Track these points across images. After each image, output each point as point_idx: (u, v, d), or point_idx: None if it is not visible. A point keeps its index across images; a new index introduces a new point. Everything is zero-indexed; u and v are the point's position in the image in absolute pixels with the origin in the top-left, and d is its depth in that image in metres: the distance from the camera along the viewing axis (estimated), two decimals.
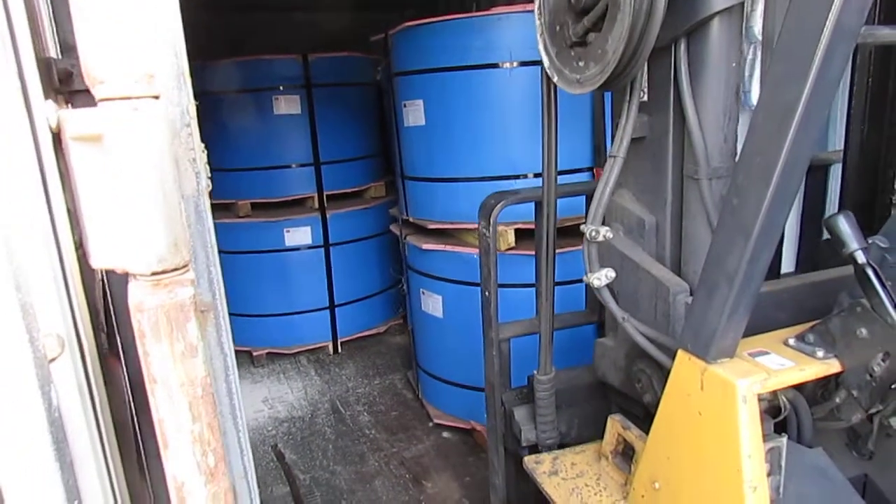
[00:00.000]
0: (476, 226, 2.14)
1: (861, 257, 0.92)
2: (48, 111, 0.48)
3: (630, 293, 1.27)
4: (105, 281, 0.57)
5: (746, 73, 1.63)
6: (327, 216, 3.38)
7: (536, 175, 2.15)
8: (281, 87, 3.20)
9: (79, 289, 0.55)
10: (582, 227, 1.23)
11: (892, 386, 0.93)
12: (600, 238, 1.21)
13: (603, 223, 1.22)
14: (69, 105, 0.50)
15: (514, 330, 1.63)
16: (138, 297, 0.46)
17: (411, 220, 2.58)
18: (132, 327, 0.46)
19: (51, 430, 0.49)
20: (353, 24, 3.85)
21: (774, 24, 1.04)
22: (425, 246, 2.47)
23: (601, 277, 1.24)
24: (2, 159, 0.46)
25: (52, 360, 0.51)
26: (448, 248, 2.40)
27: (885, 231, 0.98)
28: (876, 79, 1.35)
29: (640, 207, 1.26)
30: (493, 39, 2.19)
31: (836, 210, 1.22)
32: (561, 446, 1.52)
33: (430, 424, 2.78)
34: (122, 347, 0.59)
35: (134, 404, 0.62)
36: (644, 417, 1.30)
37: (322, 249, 3.42)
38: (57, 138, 0.49)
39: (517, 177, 2.22)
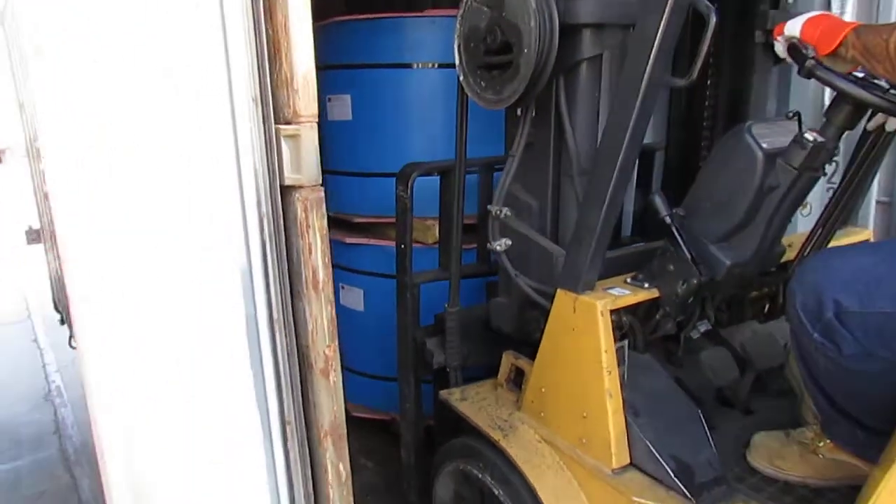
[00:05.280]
0: None
1: (668, 220, 1.45)
2: (273, 123, 0.85)
3: (521, 258, 1.74)
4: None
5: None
6: None
7: None
8: None
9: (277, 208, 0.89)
10: (489, 206, 1.70)
11: (689, 300, 1.47)
12: (502, 216, 1.68)
13: (504, 205, 1.69)
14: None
15: (425, 277, 2.06)
16: (305, 191, 0.84)
17: (331, 214, 2.82)
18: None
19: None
20: None
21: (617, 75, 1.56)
22: (350, 240, 2.70)
23: (501, 245, 1.70)
24: (255, 147, 0.84)
25: None
26: (375, 242, 2.66)
27: (685, 204, 1.52)
28: (689, 91, 1.89)
29: (529, 195, 1.74)
30: (423, 40, 2.48)
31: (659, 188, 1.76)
32: (462, 369, 1.95)
33: (349, 418, 3.00)
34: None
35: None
36: (531, 353, 1.77)
37: None
38: (277, 137, 0.86)
39: None
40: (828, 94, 1.84)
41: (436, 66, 2.55)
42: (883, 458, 1.11)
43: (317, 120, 0.84)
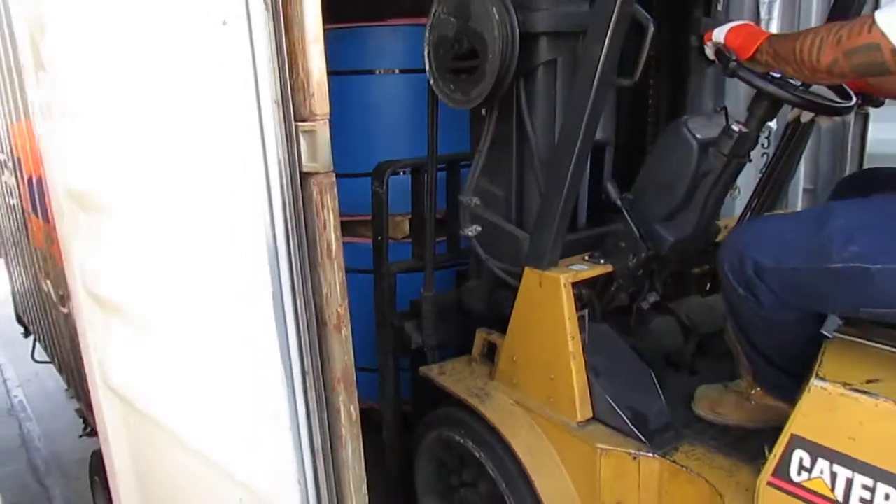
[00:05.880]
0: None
1: (619, 203, 1.66)
2: (293, 121, 1.02)
3: (490, 243, 1.93)
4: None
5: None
6: None
7: None
8: None
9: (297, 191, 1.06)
10: (460, 197, 1.88)
11: (639, 273, 1.69)
12: (472, 205, 1.87)
13: (474, 195, 1.88)
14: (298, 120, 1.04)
15: (400, 266, 2.23)
16: (320, 177, 1.03)
17: None
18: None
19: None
20: None
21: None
22: None
23: (472, 231, 1.89)
24: (278, 141, 1.01)
25: None
26: (346, 239, 2.81)
27: (633, 189, 1.73)
28: (634, 91, 2.08)
29: (495, 186, 1.93)
30: (388, 47, 2.66)
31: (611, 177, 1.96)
32: (438, 349, 2.13)
33: None
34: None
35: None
36: (501, 329, 1.96)
37: None
38: (296, 132, 1.03)
39: None
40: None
41: (397, 71, 2.74)
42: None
43: (328, 118, 1.01)
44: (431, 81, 1.84)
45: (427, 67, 1.84)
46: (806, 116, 1.65)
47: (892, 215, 1.19)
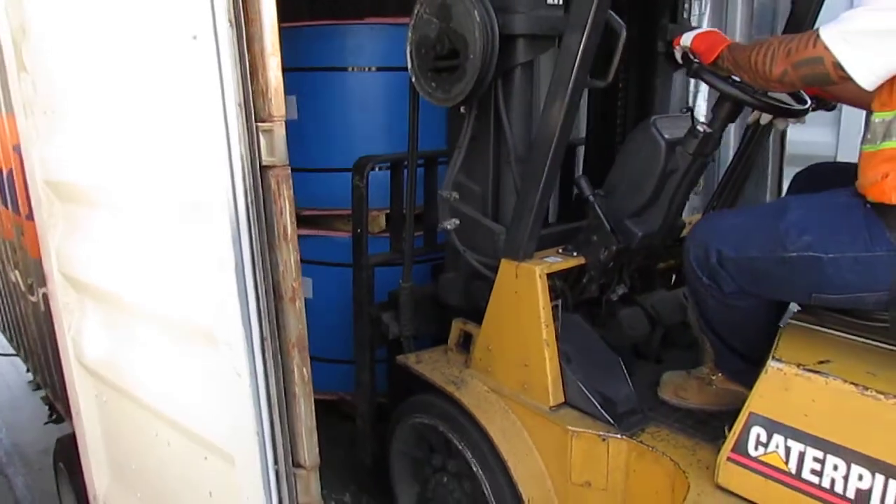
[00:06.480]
0: (348, 211, 2.74)
1: (591, 199, 1.75)
2: (254, 122, 1.16)
3: (467, 236, 1.99)
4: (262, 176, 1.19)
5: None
6: None
7: None
8: None
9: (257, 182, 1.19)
10: (440, 191, 1.95)
11: (610, 265, 1.77)
12: (451, 199, 1.94)
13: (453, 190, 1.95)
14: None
15: (379, 259, 2.29)
16: (278, 170, 1.18)
17: None
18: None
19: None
20: None
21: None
22: (299, 231, 2.88)
23: (451, 224, 1.96)
24: (241, 138, 1.14)
25: None
26: (322, 233, 2.85)
27: (604, 186, 1.81)
28: (604, 93, 2.17)
29: (472, 181, 2.00)
30: (364, 45, 2.70)
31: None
32: (414, 340, 2.20)
33: None
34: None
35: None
36: (476, 320, 2.02)
37: None
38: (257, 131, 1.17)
39: None
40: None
41: (374, 69, 2.79)
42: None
43: (285, 119, 1.20)
44: (413, 79, 1.90)
45: (409, 66, 1.90)
46: (765, 119, 1.76)
47: (840, 208, 1.29)
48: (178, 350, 1.47)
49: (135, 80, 1.32)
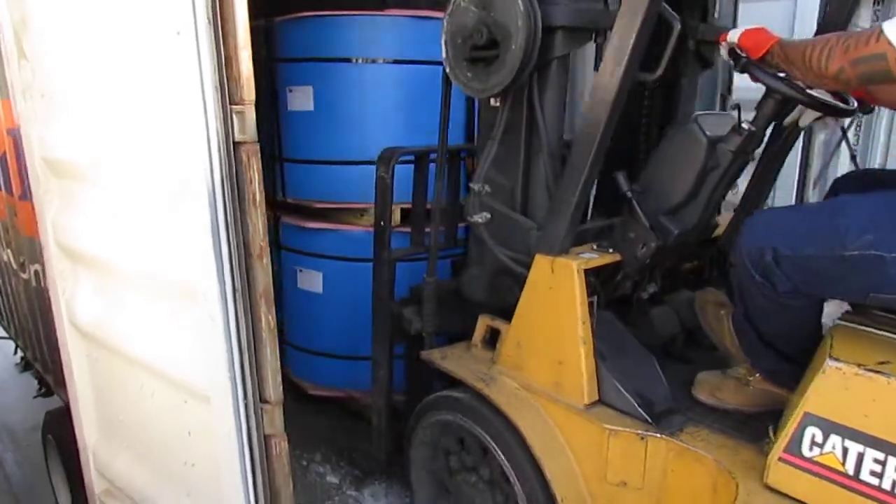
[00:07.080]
0: (361, 205, 2.69)
1: (629, 194, 1.72)
2: (228, 104, 1.34)
3: (494, 231, 1.96)
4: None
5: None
6: None
7: None
8: None
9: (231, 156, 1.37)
10: (471, 184, 1.91)
11: (647, 262, 1.75)
12: (483, 192, 1.90)
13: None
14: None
15: (400, 253, 2.24)
16: (248, 145, 1.36)
17: (289, 200, 2.95)
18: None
19: None
20: None
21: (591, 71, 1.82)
22: (311, 225, 2.82)
23: (482, 217, 1.92)
24: (217, 118, 1.31)
25: None
26: (334, 226, 2.80)
27: (640, 182, 1.80)
28: (630, 90, 2.12)
29: (502, 176, 1.97)
30: (385, 37, 2.64)
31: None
32: (436, 336, 2.16)
33: (307, 396, 3.08)
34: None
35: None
36: (501, 316, 1.99)
37: None
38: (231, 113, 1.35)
39: None
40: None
41: (381, 61, 2.68)
42: (801, 384, 1.42)
43: (254, 103, 1.37)
44: (447, 69, 1.87)
45: (444, 55, 1.86)
46: (805, 119, 1.74)
47: None
48: (162, 306, 1.65)
49: (125, 69, 1.50)
